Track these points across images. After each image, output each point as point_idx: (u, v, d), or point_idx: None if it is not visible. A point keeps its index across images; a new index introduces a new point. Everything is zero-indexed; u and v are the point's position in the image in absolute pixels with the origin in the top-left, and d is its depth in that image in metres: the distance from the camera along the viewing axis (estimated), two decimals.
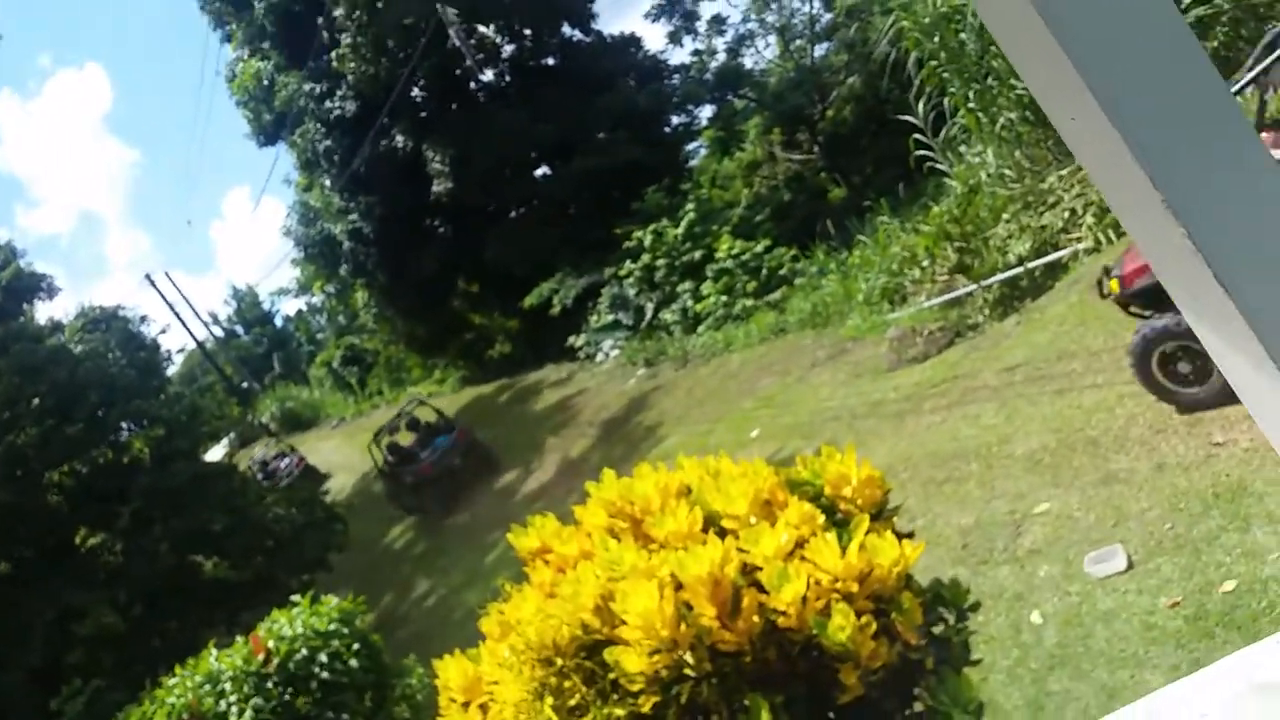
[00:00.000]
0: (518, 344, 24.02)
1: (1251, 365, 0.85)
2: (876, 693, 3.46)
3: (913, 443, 7.84)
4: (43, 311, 33.02)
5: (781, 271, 14.91)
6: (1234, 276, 0.80)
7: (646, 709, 3.48)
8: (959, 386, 8.15)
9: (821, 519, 3.75)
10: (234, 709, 5.84)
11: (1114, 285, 5.88)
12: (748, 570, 3.67)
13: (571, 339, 19.00)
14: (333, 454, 25.14)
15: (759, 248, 15.73)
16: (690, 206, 17.79)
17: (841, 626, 3.33)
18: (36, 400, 12.44)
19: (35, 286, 34.37)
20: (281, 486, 20.61)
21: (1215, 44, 8.81)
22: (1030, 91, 0.90)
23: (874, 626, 3.40)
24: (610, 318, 17.95)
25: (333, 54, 21.37)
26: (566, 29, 23.99)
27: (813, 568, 3.51)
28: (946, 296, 9.61)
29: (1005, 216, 9.63)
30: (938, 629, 3.89)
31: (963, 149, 10.69)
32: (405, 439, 16.64)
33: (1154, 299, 5.71)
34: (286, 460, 23.44)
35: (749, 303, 14.87)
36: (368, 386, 32.59)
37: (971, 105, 9.94)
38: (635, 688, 3.51)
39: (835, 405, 9.81)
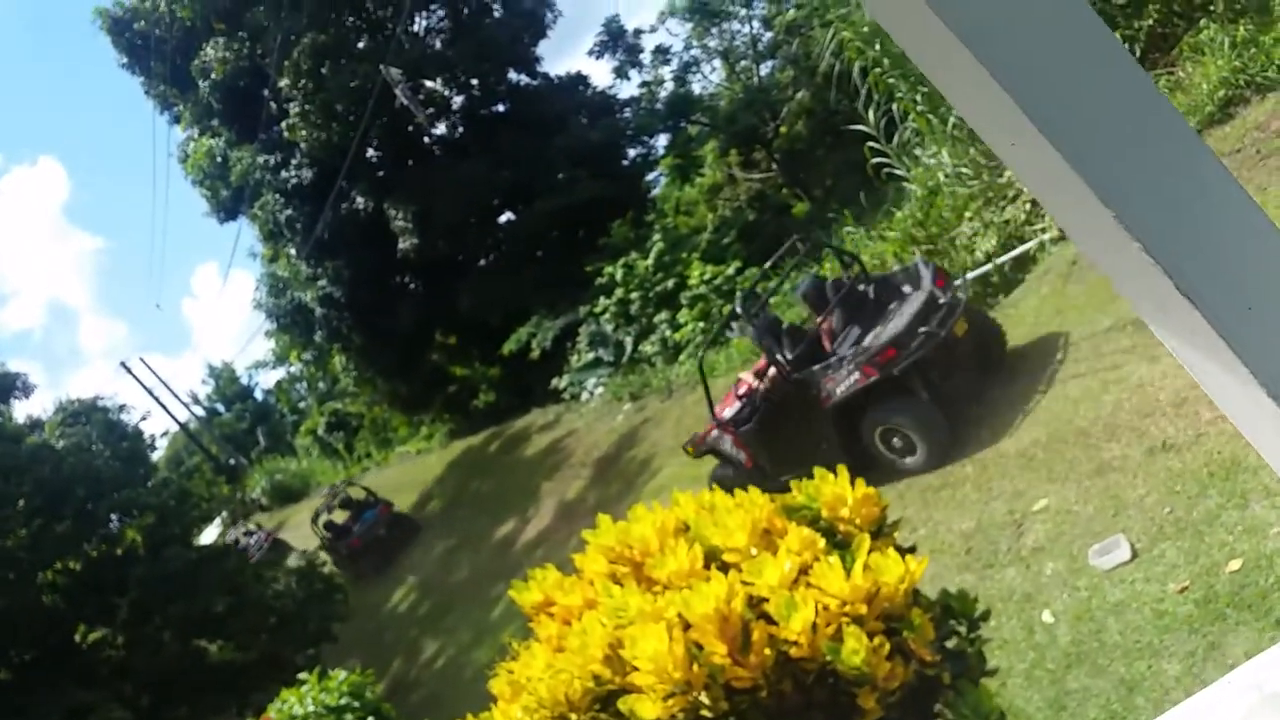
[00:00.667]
0: (501, 392, 23.93)
1: (1225, 373, 0.84)
2: (896, 713, 3.43)
3: None
4: (20, 410, 32.70)
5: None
6: (1197, 286, 0.79)
7: None
8: None
9: (822, 543, 3.72)
10: None
11: (689, 450, 9.05)
12: (754, 603, 3.63)
13: (555, 381, 18.95)
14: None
15: (730, 270, 15.79)
16: (657, 236, 17.87)
17: (855, 650, 3.30)
18: (22, 501, 12.27)
19: (10, 386, 33.99)
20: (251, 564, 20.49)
21: (1150, 22, 8.96)
22: (966, 121, 0.90)
23: (887, 647, 3.36)
24: (591, 356, 17.93)
25: (283, 124, 21.41)
26: (513, 75, 24.17)
27: (819, 593, 3.48)
28: None
29: (968, 215, 9.71)
30: (951, 642, 3.86)
31: (918, 152, 10.79)
32: (340, 517, 19.32)
33: (712, 454, 8.82)
34: (255, 537, 23.56)
35: None
36: (355, 450, 32.35)
37: (920, 108, 10.05)
38: None
39: None
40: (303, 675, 6.67)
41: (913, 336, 6.99)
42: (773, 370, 7.84)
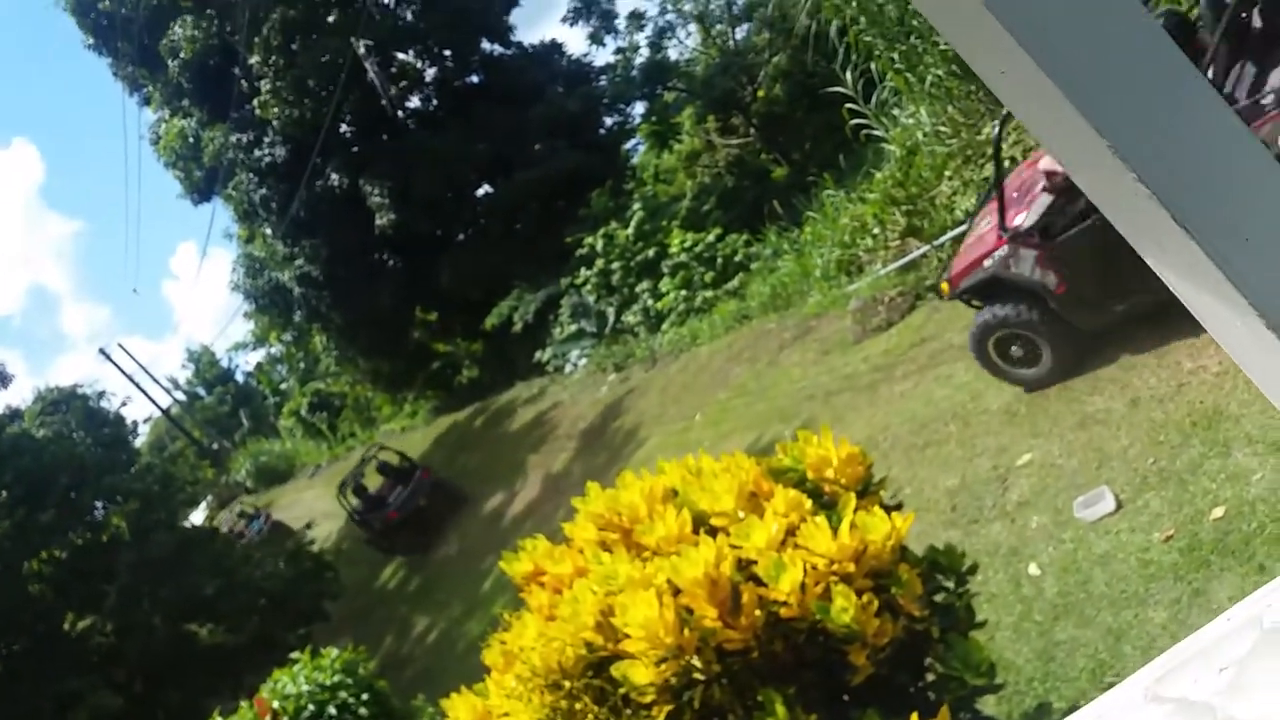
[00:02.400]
0: (485, 366, 23.85)
1: (1223, 305, 0.84)
2: (887, 669, 3.45)
3: (889, 411, 7.87)
4: None
5: (736, 258, 14.92)
6: (1194, 218, 0.77)
7: (661, 719, 3.44)
8: (926, 350, 8.20)
9: (809, 504, 3.73)
10: None
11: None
12: (743, 565, 3.64)
13: (538, 354, 18.89)
14: (315, 502, 24.82)
15: (711, 237, 15.73)
16: (637, 205, 17.77)
17: (844, 608, 3.32)
18: (4, 492, 12.17)
19: None
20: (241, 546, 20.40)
21: None
22: (955, 49, 0.87)
23: (876, 604, 3.38)
24: (573, 327, 17.87)
25: (255, 102, 21.07)
26: (486, 45, 23.84)
27: (807, 554, 3.49)
28: (901, 261, 9.65)
29: (947, 174, 9.68)
30: (939, 597, 3.89)
31: (896, 112, 10.73)
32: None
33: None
34: (256, 522, 23.12)
35: (709, 294, 14.86)
36: (339, 430, 32.24)
37: (898, 67, 9.97)
38: (647, 699, 3.47)
39: (808, 385, 9.84)
40: (295, 654, 6.68)
41: None
42: None
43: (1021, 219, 5.97)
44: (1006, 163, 7.06)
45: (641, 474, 4.36)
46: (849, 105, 11.19)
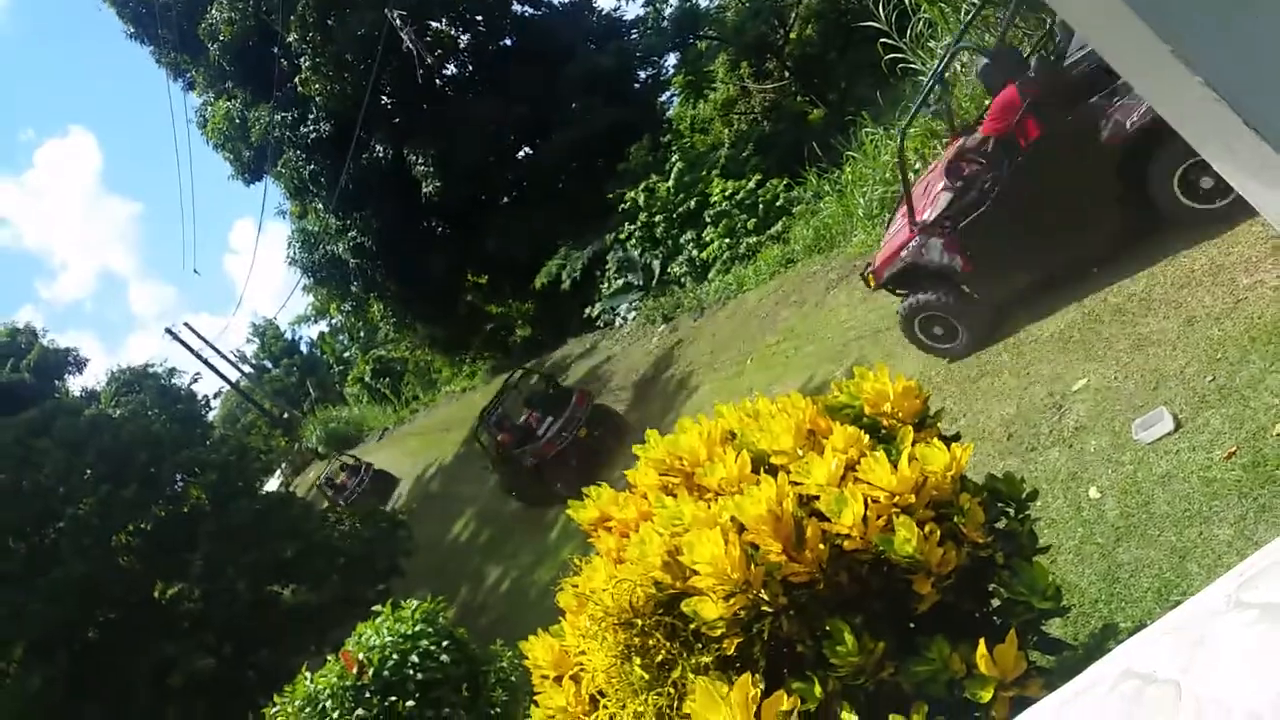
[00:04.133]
0: (537, 325, 24.12)
1: None
2: (952, 595, 3.53)
3: None
4: (75, 383, 33.60)
5: (778, 204, 14.81)
6: (1262, 117, 0.78)
7: (731, 651, 3.58)
8: None
9: (867, 439, 3.80)
10: None
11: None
12: (805, 501, 3.74)
13: (587, 310, 19.06)
14: (384, 464, 25.45)
15: (751, 184, 15.63)
16: (675, 157, 17.69)
17: (907, 539, 3.40)
18: (88, 471, 12.69)
19: (62, 362, 34.96)
20: (354, 499, 20.95)
21: None
22: None
23: (938, 533, 3.46)
24: (620, 281, 17.96)
25: (296, 79, 21.29)
26: (517, 7, 23.76)
27: (867, 487, 3.57)
28: None
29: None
30: (1001, 524, 3.94)
31: (931, 44, 10.52)
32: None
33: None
34: (359, 472, 23.06)
35: (752, 240, 14.82)
36: (403, 394, 32.95)
37: None
38: (717, 633, 3.60)
39: (857, 324, 9.82)
40: (376, 608, 6.92)
41: None
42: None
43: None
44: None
45: (699, 419, 4.47)
46: (883, 40, 11.00)
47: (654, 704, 3.73)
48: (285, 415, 37.03)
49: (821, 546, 3.54)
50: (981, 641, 3.37)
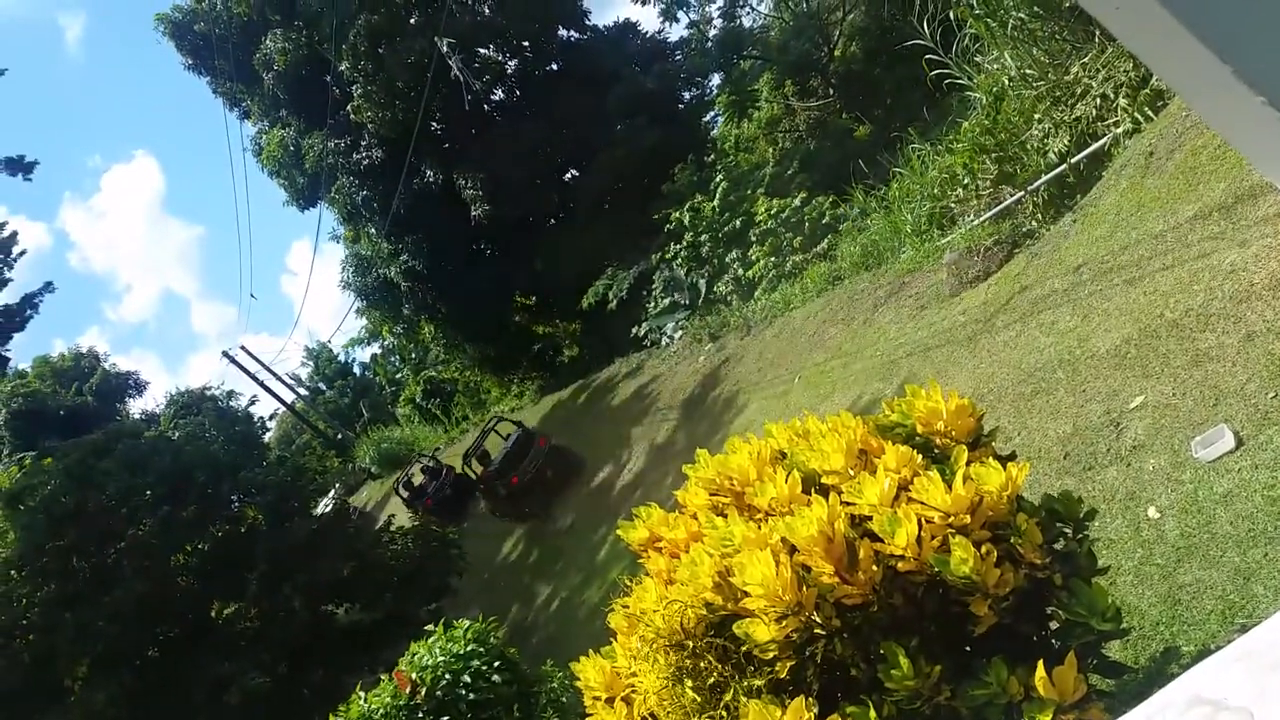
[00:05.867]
0: (584, 345, 24.26)
1: None
2: (1010, 618, 3.48)
3: (993, 363, 7.75)
4: (136, 405, 34.48)
5: (824, 221, 14.75)
6: None
7: (784, 675, 3.56)
8: (1027, 297, 8.03)
9: (920, 458, 3.77)
10: None
11: None
12: (857, 522, 3.72)
13: (634, 329, 19.13)
14: None
15: (796, 202, 15.59)
16: (720, 177, 17.73)
17: (963, 560, 3.36)
18: (148, 492, 13.00)
19: (124, 385, 35.91)
20: (437, 501, 21.03)
21: None
22: None
23: (995, 554, 3.42)
24: (667, 301, 18.01)
25: (348, 107, 21.80)
26: (562, 32, 24.08)
27: (921, 508, 3.54)
28: (995, 210, 9.42)
29: (1036, 116, 9.40)
30: (1059, 544, 3.87)
31: (978, 59, 10.44)
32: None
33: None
34: (437, 478, 22.72)
35: (798, 258, 14.76)
36: (453, 414, 33.30)
37: (977, 12, 9.70)
38: (769, 656, 3.59)
39: (906, 341, 9.74)
40: (429, 628, 6.98)
41: None
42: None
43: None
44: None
45: (748, 438, 4.47)
46: (928, 56, 10.96)
47: None
48: (339, 436, 37.60)
49: (875, 568, 3.52)
50: (1040, 664, 3.31)
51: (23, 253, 24.98)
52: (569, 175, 23.94)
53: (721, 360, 14.90)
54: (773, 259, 15.42)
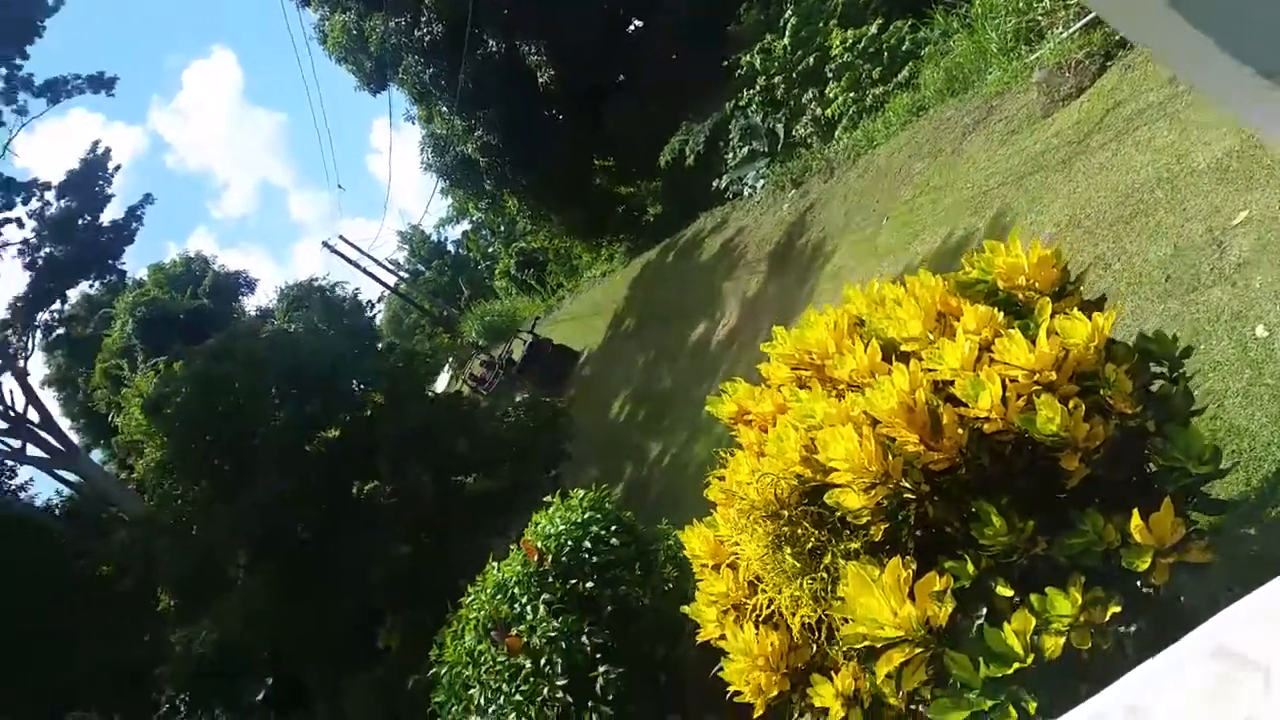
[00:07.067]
0: (667, 202, 23.99)
1: None
2: (1103, 469, 3.47)
3: (1089, 186, 7.41)
4: (249, 302, 36.13)
5: (903, 48, 13.89)
6: None
7: (879, 537, 3.69)
8: (1122, 114, 7.56)
9: (1001, 317, 3.72)
10: (528, 608, 6.56)
11: None
12: (939, 387, 3.73)
13: (715, 183, 18.77)
14: None
15: (872, 30, 14.66)
16: (789, 13, 16.74)
17: (1050, 418, 3.35)
18: (273, 389, 13.76)
19: (235, 284, 37.59)
20: (491, 390, 22.16)
21: None
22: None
23: (1083, 409, 3.39)
24: (745, 150, 17.50)
25: None
26: None
27: (1005, 368, 3.52)
28: (1086, 20, 8.72)
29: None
30: (1155, 386, 3.80)
31: None
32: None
33: None
34: (494, 370, 24.50)
35: (878, 91, 14.02)
36: (547, 283, 33.79)
37: None
38: (862, 521, 3.71)
39: (997, 170, 9.34)
40: (547, 498, 7.39)
41: None
42: None
43: None
44: None
45: (825, 309, 4.48)
46: None
47: (809, 588, 3.92)
48: (445, 314, 38.63)
49: (960, 432, 3.54)
50: (1135, 512, 3.33)
51: (118, 167, 26.04)
52: (632, 28, 23.08)
53: (806, 206, 14.57)
54: (851, 94, 14.72)
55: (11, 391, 23.04)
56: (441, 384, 25.45)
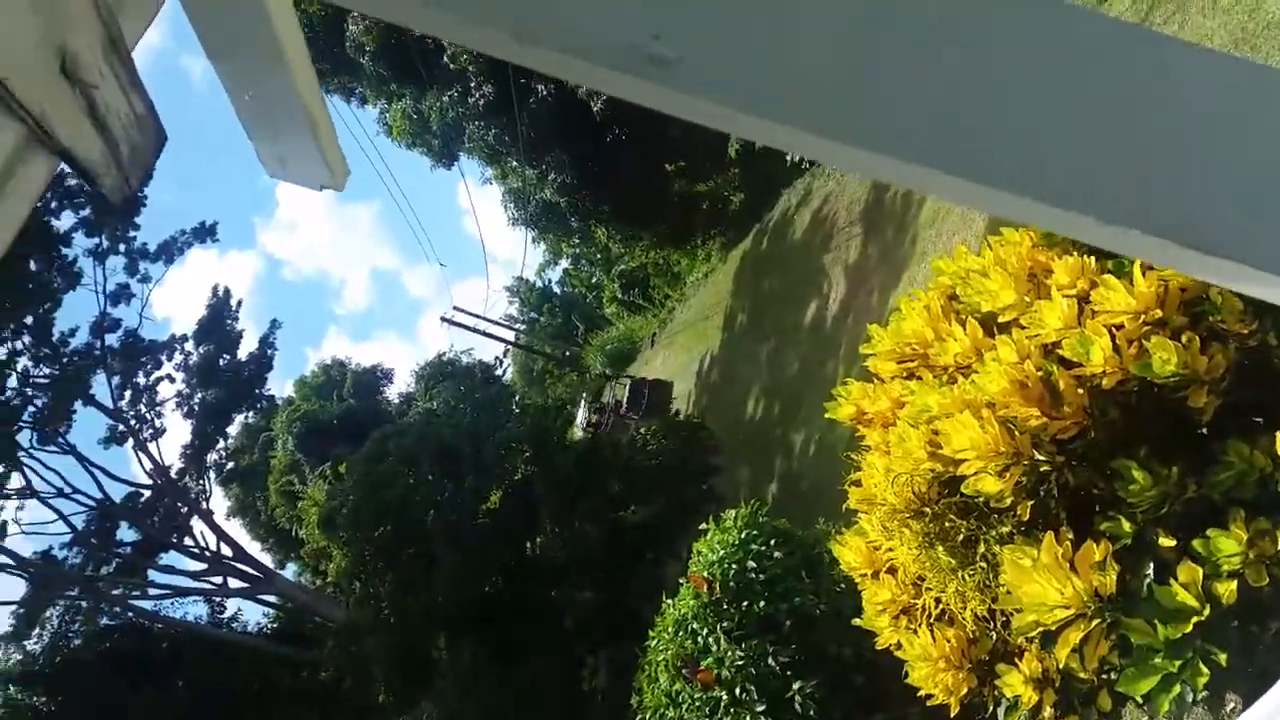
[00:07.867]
0: (747, 189, 23.82)
1: None
2: (1236, 395, 3.34)
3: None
4: (391, 391, 37.75)
5: None
6: None
7: (1028, 516, 3.62)
8: None
9: (1093, 262, 3.61)
10: (710, 640, 6.67)
11: None
12: (1048, 351, 3.64)
13: (789, 155, 18.51)
14: (663, 366, 26.62)
15: None
16: None
17: (1165, 359, 3.25)
18: (429, 477, 14.43)
19: (374, 379, 39.30)
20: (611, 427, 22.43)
21: None
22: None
23: (1197, 341, 3.27)
24: None
25: (445, 57, 21.99)
26: None
27: (1108, 316, 3.43)
28: None
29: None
30: None
31: None
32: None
33: None
34: (605, 414, 24.92)
35: None
36: (653, 298, 34.00)
37: None
38: (1007, 504, 3.65)
39: None
40: (703, 527, 7.48)
41: None
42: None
43: None
44: None
45: (913, 294, 4.41)
46: None
47: (971, 580, 3.87)
48: (566, 354, 39.43)
49: (1080, 394, 3.46)
50: (1278, 433, 3.18)
51: (239, 303, 27.91)
52: None
53: None
54: None
55: (202, 533, 24.91)
56: (580, 416, 25.96)
